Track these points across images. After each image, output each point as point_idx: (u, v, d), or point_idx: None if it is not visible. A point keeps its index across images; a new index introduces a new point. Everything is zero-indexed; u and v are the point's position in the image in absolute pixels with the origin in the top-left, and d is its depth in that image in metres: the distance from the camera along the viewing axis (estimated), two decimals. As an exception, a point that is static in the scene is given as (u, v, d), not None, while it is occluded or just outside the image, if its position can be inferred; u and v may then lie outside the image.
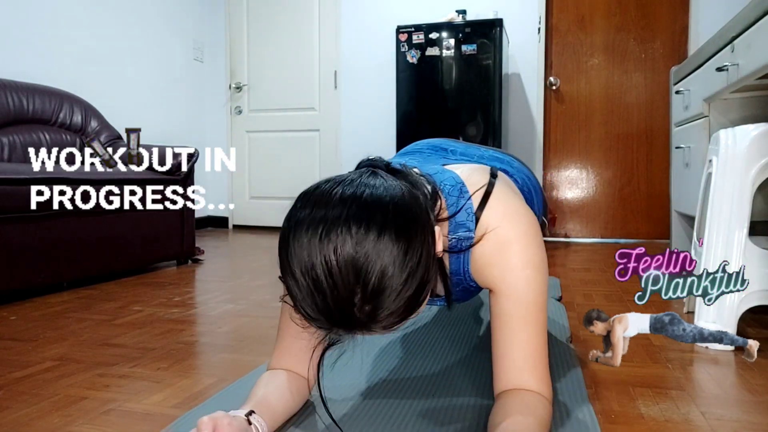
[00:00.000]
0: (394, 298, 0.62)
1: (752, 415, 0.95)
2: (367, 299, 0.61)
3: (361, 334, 0.65)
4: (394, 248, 0.61)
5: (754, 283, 1.32)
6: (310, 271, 0.61)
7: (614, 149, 3.76)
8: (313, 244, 0.61)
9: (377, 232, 0.61)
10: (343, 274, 0.60)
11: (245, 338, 1.47)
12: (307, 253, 0.61)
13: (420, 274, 0.64)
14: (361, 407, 0.95)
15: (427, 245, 0.66)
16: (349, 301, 0.60)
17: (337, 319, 0.62)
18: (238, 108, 4.49)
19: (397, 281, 0.61)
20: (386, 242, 0.61)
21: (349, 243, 0.60)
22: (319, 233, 0.61)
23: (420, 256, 0.64)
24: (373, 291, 0.60)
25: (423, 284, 0.65)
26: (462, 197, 0.83)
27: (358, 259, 0.60)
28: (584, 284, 2.18)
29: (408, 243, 0.63)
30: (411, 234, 0.63)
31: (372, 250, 0.60)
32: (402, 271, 0.61)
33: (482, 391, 1.02)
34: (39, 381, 1.15)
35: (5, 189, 1.89)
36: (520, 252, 0.80)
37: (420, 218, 0.66)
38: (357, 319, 0.62)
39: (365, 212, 0.62)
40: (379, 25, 4.06)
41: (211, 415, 0.70)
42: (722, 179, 1.42)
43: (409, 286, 0.62)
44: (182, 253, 2.75)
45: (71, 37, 3.19)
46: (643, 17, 3.66)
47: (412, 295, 0.63)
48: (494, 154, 1.12)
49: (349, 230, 0.61)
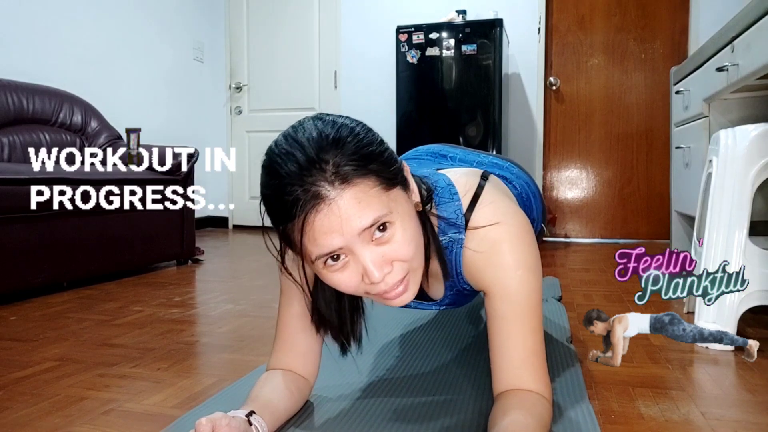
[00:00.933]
0: (358, 145, 0.69)
1: (752, 415, 0.95)
2: (331, 145, 0.67)
3: (335, 199, 0.65)
4: (357, 130, 0.71)
5: (754, 283, 1.32)
6: (284, 151, 0.68)
7: (614, 149, 3.76)
8: (288, 135, 0.71)
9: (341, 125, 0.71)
10: (308, 137, 0.68)
11: (245, 338, 1.47)
12: (284, 142, 0.70)
13: (381, 147, 0.72)
14: (360, 407, 0.95)
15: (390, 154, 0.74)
16: (317, 152, 0.66)
17: (307, 171, 0.66)
18: (238, 108, 4.49)
19: (358, 137, 0.70)
20: (350, 127, 0.71)
21: (318, 125, 0.71)
22: (293, 128, 0.72)
23: (381, 145, 0.73)
24: (336, 140, 0.68)
25: (386, 154, 0.72)
26: (452, 199, 0.83)
27: (323, 130, 0.69)
28: (584, 284, 2.18)
29: (370, 133, 0.73)
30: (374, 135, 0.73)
31: (336, 127, 0.70)
32: (363, 136, 0.71)
33: (481, 390, 1.02)
34: (39, 381, 1.15)
35: (5, 189, 1.89)
36: (512, 252, 0.80)
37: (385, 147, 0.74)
38: (325, 166, 0.66)
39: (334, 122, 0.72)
40: (379, 25, 4.06)
41: (210, 417, 0.69)
42: (722, 179, 1.42)
43: (370, 144, 0.70)
44: (182, 253, 2.75)
45: (71, 37, 3.19)
46: (643, 17, 3.66)
47: (375, 151, 0.70)
48: (493, 160, 1.12)
49: (316, 123, 0.71)
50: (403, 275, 0.72)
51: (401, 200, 0.71)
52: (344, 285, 0.71)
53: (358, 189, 0.66)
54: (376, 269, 0.68)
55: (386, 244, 0.69)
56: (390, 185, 0.70)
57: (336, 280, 0.71)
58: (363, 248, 0.68)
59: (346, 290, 0.72)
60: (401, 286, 0.72)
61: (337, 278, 0.71)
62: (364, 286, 0.71)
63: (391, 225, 0.69)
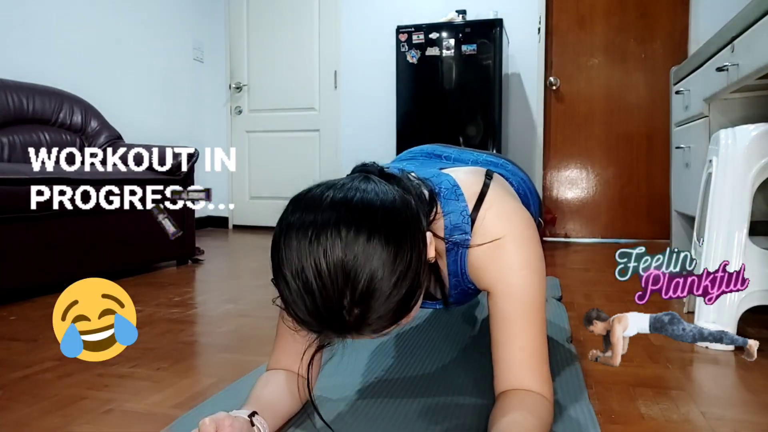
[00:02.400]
0: (383, 301, 0.62)
1: (752, 415, 0.95)
2: (356, 302, 0.61)
3: (351, 337, 0.66)
4: (384, 252, 0.62)
5: (754, 283, 1.32)
6: (300, 273, 0.62)
7: (614, 149, 3.76)
8: (303, 247, 0.62)
9: (367, 235, 0.62)
10: (332, 276, 0.60)
11: (245, 338, 1.47)
12: (297, 256, 0.62)
13: (410, 279, 0.64)
14: (359, 407, 0.95)
15: (417, 250, 0.66)
16: (339, 303, 0.61)
17: (326, 321, 0.63)
18: (238, 108, 4.49)
19: (386, 285, 0.62)
20: (375, 246, 0.62)
21: (339, 246, 0.61)
22: (309, 237, 0.62)
23: (410, 260, 0.64)
24: (362, 294, 0.61)
25: (413, 289, 0.65)
26: (457, 200, 0.83)
27: (347, 262, 0.61)
28: (584, 284, 2.18)
29: (398, 247, 0.63)
30: (401, 238, 0.64)
31: (361, 253, 0.61)
32: (391, 275, 0.62)
33: (481, 390, 1.02)
34: (39, 381, 1.15)
35: (5, 189, 1.89)
36: (517, 252, 0.80)
37: (411, 223, 0.67)
38: (346, 322, 0.62)
39: (355, 216, 0.63)
40: (379, 25, 4.06)
41: (213, 416, 0.69)
42: (722, 179, 1.42)
43: (398, 291, 0.63)
44: (182, 253, 2.75)
45: (71, 37, 3.19)
46: (643, 17, 3.65)
47: (402, 299, 0.64)
48: (488, 158, 1.12)
49: (338, 234, 0.61)
50: None
51: (417, 307, 0.69)
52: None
53: (376, 335, 0.66)
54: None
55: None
56: (409, 310, 0.67)
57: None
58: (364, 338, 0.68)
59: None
60: None
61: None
62: None
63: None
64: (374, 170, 0.77)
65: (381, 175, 0.76)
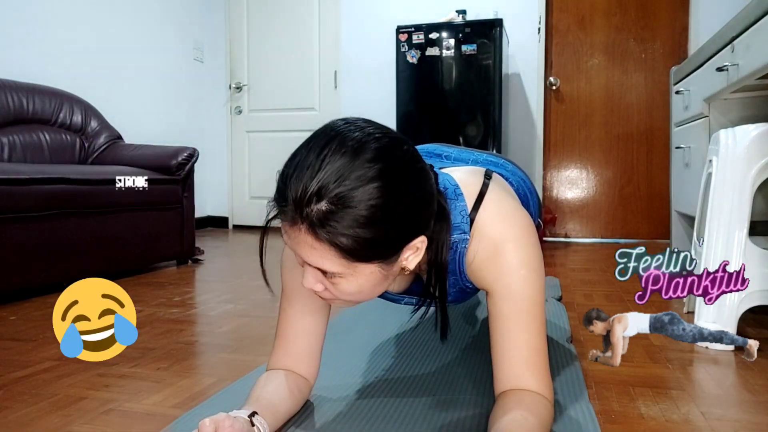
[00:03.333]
0: (355, 221, 0.63)
1: (752, 415, 0.95)
2: (331, 199, 0.63)
3: (298, 231, 0.65)
4: (384, 190, 0.64)
5: (754, 283, 1.32)
6: (310, 153, 0.66)
7: (614, 149, 3.76)
8: (325, 141, 0.67)
9: (382, 168, 0.65)
10: (329, 170, 0.63)
11: (245, 338, 1.47)
12: (317, 145, 0.67)
13: (393, 228, 0.66)
14: (359, 407, 0.95)
15: (416, 213, 0.69)
16: (317, 190, 0.63)
17: (296, 195, 0.64)
18: (238, 108, 4.49)
19: (368, 214, 0.64)
20: (382, 181, 0.64)
21: (356, 160, 0.64)
22: (336, 137, 0.67)
23: (403, 212, 0.67)
24: (340, 198, 0.63)
25: (388, 241, 0.67)
26: (457, 199, 0.83)
27: (348, 171, 0.63)
28: (584, 284, 2.18)
29: (399, 193, 0.66)
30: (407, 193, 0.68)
31: (364, 175, 0.64)
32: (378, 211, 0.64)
33: (482, 389, 1.02)
34: (39, 381, 1.15)
35: (5, 189, 1.89)
36: (516, 252, 0.80)
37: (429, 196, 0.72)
38: (309, 207, 0.63)
39: (386, 147, 0.67)
40: (379, 25, 4.06)
41: (213, 417, 0.69)
42: (722, 179, 1.42)
43: (376, 226, 0.64)
44: (182, 253, 2.75)
45: (71, 37, 3.19)
46: (643, 17, 3.66)
47: (374, 239, 0.65)
48: (488, 158, 1.12)
49: (362, 149, 0.65)
50: (332, 299, 0.76)
51: (366, 271, 0.69)
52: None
53: (320, 245, 0.65)
54: (308, 281, 0.71)
55: (330, 280, 0.71)
56: (361, 260, 0.67)
57: None
58: (302, 249, 0.68)
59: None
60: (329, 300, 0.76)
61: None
62: None
63: (341, 277, 0.70)
64: None
65: None
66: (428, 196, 0.72)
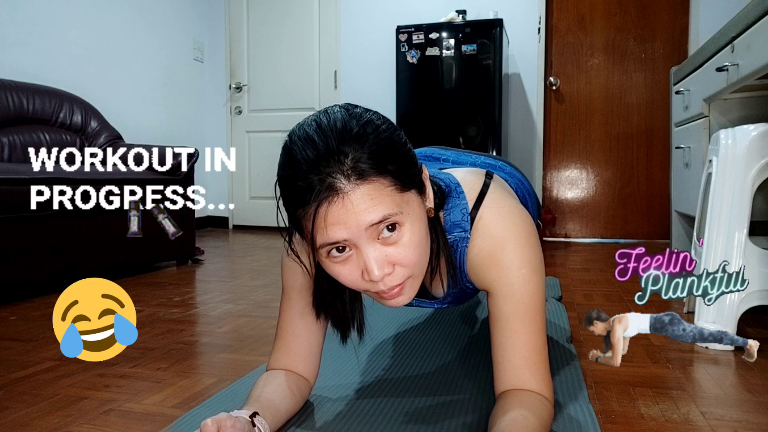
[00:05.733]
0: (378, 143, 0.68)
1: (752, 415, 0.95)
2: (353, 139, 0.67)
3: (346, 195, 0.65)
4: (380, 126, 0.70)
5: (754, 283, 1.32)
6: (303, 135, 0.69)
7: (614, 149, 3.76)
8: (310, 121, 0.71)
9: (365, 118, 0.71)
10: (331, 125, 0.68)
11: (245, 338, 1.47)
12: (304, 127, 0.71)
13: (402, 149, 0.71)
14: (359, 407, 0.95)
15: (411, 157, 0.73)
16: (337, 142, 0.67)
17: (323, 159, 0.66)
18: (238, 108, 4.49)
19: (380, 136, 0.69)
20: (373, 122, 0.70)
21: (340, 115, 0.70)
22: (316, 115, 0.72)
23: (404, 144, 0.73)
24: (358, 135, 0.68)
25: (405, 158, 0.71)
26: (458, 197, 0.83)
27: (347, 120, 0.69)
28: (584, 284, 2.18)
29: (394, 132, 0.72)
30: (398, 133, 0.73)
31: (359, 120, 0.70)
32: (384, 132, 0.70)
33: (482, 389, 1.02)
34: (39, 381, 1.15)
35: (5, 189, 1.89)
36: (516, 252, 0.80)
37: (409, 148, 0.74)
38: (342, 158, 0.66)
39: (357, 114, 0.71)
40: (379, 25, 4.06)
41: (215, 417, 0.69)
42: (722, 179, 1.42)
43: (392, 145, 0.70)
44: (182, 253, 2.75)
45: (71, 37, 3.19)
46: (643, 17, 3.66)
47: (396, 153, 0.70)
48: (486, 160, 1.12)
49: (340, 113, 0.71)
50: (402, 280, 0.72)
51: (414, 204, 0.71)
52: (344, 277, 0.71)
53: (373, 186, 0.66)
54: (376, 267, 0.68)
55: (392, 245, 0.69)
56: (405, 187, 0.69)
57: (337, 271, 0.71)
58: (368, 245, 0.68)
59: (345, 283, 0.73)
60: (397, 288, 0.72)
61: (338, 270, 0.71)
62: (362, 282, 0.71)
63: (400, 226, 0.69)
64: None
65: None
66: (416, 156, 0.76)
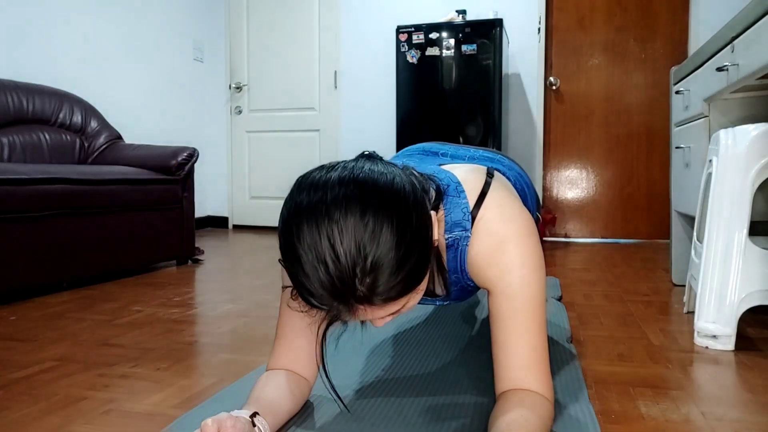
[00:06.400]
0: (394, 269, 0.64)
1: (752, 415, 0.95)
2: (368, 271, 0.63)
3: (362, 310, 0.66)
4: (393, 225, 0.64)
5: (754, 283, 1.32)
6: (313, 248, 0.63)
7: (614, 149, 3.76)
8: (314, 224, 0.64)
9: (376, 210, 0.64)
10: (345, 248, 0.62)
11: (245, 338, 1.47)
12: (309, 233, 0.64)
13: (418, 250, 0.66)
14: (359, 407, 0.95)
15: (424, 226, 0.68)
16: (351, 272, 0.62)
17: (338, 292, 0.63)
18: (238, 108, 4.49)
19: (396, 255, 0.64)
20: (384, 220, 0.64)
21: (350, 221, 0.63)
22: (320, 214, 0.64)
23: (417, 232, 0.66)
24: (374, 264, 0.63)
25: (421, 260, 0.67)
26: (458, 197, 0.83)
27: (359, 236, 0.63)
28: (584, 284, 2.18)
29: (406, 221, 0.65)
30: (408, 213, 0.66)
31: (372, 227, 0.63)
32: (401, 246, 0.64)
33: (482, 389, 1.02)
34: (39, 381, 1.15)
35: (5, 189, 1.89)
36: (517, 251, 0.80)
37: (416, 199, 0.69)
38: (358, 291, 0.63)
39: (364, 192, 0.65)
40: (379, 25, 4.06)
41: (215, 417, 0.69)
42: (722, 179, 1.42)
43: (407, 261, 0.65)
44: (182, 253, 2.75)
45: (71, 37, 3.19)
46: (643, 17, 3.66)
47: (411, 269, 0.66)
48: (485, 154, 1.13)
49: (349, 209, 0.64)
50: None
51: (423, 283, 0.70)
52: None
53: (391, 304, 0.67)
54: (379, 324, 0.72)
55: (398, 311, 0.70)
56: (416, 285, 0.68)
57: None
58: (372, 315, 0.69)
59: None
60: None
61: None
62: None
63: (406, 303, 0.70)
64: (377, 156, 0.79)
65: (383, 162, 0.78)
66: (419, 192, 0.72)
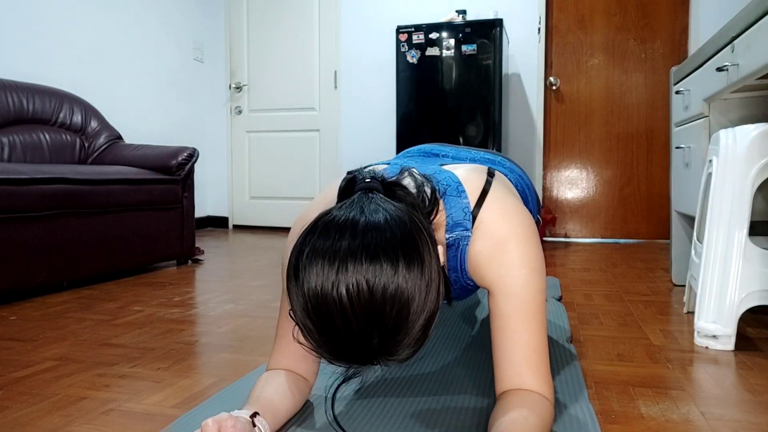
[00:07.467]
0: (408, 332, 0.62)
1: (752, 415, 0.95)
2: (384, 337, 0.61)
3: (379, 365, 0.66)
4: (406, 283, 0.61)
5: (754, 283, 1.32)
6: (325, 317, 0.60)
7: (614, 149, 3.76)
8: (321, 284, 0.60)
9: (386, 267, 0.60)
10: (359, 317, 0.60)
11: (245, 338, 1.47)
12: (316, 295, 0.60)
13: (430, 306, 0.64)
14: (359, 407, 0.95)
15: (434, 269, 0.65)
16: (367, 342, 0.61)
17: (354, 359, 0.62)
18: (238, 108, 4.49)
19: (412, 317, 0.61)
20: (398, 278, 0.60)
21: (364, 285, 0.59)
22: (327, 273, 0.60)
23: (430, 280, 0.63)
24: (390, 330, 0.61)
25: (433, 313, 0.65)
26: (459, 197, 0.84)
27: (373, 302, 0.60)
28: (584, 284, 2.18)
29: (420, 274, 0.62)
30: (420, 264, 0.63)
31: (384, 285, 0.60)
32: (415, 305, 0.61)
33: (482, 389, 1.02)
34: (39, 381, 1.15)
35: (5, 189, 1.89)
36: (517, 251, 0.81)
37: (424, 244, 0.65)
38: (374, 356, 0.62)
39: (371, 249, 0.61)
40: (379, 25, 4.06)
41: (215, 417, 0.69)
42: (722, 179, 1.42)
43: (422, 319, 0.63)
44: (182, 253, 2.75)
45: (71, 37, 3.19)
46: (643, 17, 3.66)
47: (425, 325, 0.64)
48: (485, 156, 1.13)
49: (357, 267, 0.60)
50: None
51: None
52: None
53: (406, 360, 0.66)
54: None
55: None
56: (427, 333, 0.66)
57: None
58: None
59: None
60: None
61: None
62: None
63: None
64: (376, 186, 0.73)
65: (384, 187, 0.73)
66: (426, 229, 0.68)
